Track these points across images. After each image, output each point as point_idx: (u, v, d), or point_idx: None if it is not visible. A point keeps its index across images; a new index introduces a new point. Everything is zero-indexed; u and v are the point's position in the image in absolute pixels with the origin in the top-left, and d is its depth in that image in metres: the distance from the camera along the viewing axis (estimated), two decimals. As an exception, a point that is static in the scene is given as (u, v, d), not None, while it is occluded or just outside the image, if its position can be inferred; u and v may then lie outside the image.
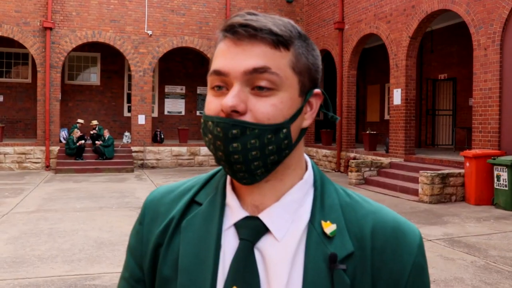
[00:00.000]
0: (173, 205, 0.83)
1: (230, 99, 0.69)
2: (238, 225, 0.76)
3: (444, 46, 15.30)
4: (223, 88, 0.72)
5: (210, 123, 0.72)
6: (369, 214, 0.77)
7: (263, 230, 0.74)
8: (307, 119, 0.77)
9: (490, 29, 9.17)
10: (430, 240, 6.09)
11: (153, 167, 15.38)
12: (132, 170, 14.36)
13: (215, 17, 16.12)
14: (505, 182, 8.20)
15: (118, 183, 11.68)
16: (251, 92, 0.70)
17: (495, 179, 8.43)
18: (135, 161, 15.19)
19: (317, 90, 0.77)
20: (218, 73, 0.72)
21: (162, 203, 0.85)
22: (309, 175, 0.79)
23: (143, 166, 15.33)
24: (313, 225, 0.74)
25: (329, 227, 0.74)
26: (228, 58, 0.71)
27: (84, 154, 14.45)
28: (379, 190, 10.44)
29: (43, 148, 14.51)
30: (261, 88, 0.70)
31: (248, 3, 16.45)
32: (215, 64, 0.73)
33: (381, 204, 0.81)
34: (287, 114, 0.72)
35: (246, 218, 0.76)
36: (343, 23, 14.46)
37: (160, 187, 0.90)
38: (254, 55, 0.70)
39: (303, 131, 0.77)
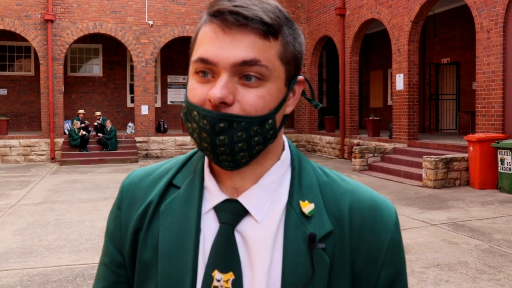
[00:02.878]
0: (151, 189, 0.82)
1: (218, 90, 0.67)
2: (217, 209, 0.75)
3: (446, 30, 15.18)
4: (208, 74, 0.70)
5: (195, 113, 0.70)
6: (346, 192, 0.78)
7: (243, 212, 0.74)
8: (290, 105, 0.77)
9: (493, 11, 9.09)
10: (434, 225, 6.11)
11: (157, 157, 15.45)
12: (136, 161, 14.43)
13: (216, 6, 16.01)
14: (509, 165, 8.19)
15: (123, 173, 11.74)
16: (238, 82, 0.69)
17: (499, 163, 8.42)
18: (139, 152, 15.25)
19: (300, 77, 0.77)
20: (205, 61, 0.69)
21: (140, 187, 0.83)
22: (286, 155, 0.79)
23: (147, 156, 15.40)
24: (292, 205, 0.75)
25: (307, 207, 0.74)
26: (217, 46, 0.68)
27: (88, 146, 14.52)
28: (383, 176, 10.45)
29: (48, 140, 14.58)
30: (249, 78, 0.69)
31: (249, -10, 16.33)
32: (202, 51, 0.70)
33: (382, 188, 0.82)
34: (273, 105, 0.71)
35: (226, 201, 0.75)
36: (344, 8, 14.36)
37: (136, 170, 0.88)
38: (244, 46, 0.68)
39: (285, 117, 0.77)
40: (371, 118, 13.60)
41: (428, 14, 12.72)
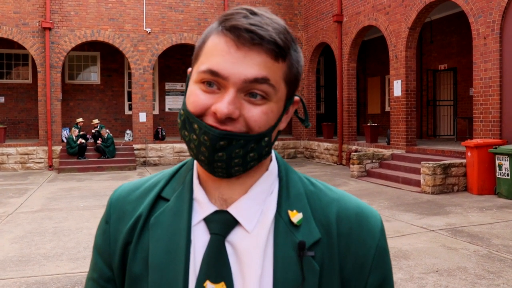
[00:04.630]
0: (140, 202, 0.82)
1: (226, 106, 0.68)
2: (208, 220, 0.76)
3: (443, 36, 15.26)
4: (214, 86, 0.71)
5: (196, 126, 0.71)
6: (333, 201, 0.80)
7: (233, 223, 0.75)
8: (283, 122, 0.79)
9: (489, 18, 9.15)
10: (432, 231, 6.11)
11: (155, 164, 15.43)
12: (134, 168, 14.41)
13: (214, 13, 16.10)
14: (507, 171, 8.21)
15: (121, 181, 11.72)
16: (244, 98, 0.70)
17: (497, 168, 8.43)
18: (137, 159, 15.23)
19: (296, 98, 0.80)
20: (215, 74, 0.70)
21: (128, 201, 0.84)
22: (273, 166, 0.81)
23: (145, 164, 15.37)
24: (280, 215, 0.76)
25: (295, 216, 0.76)
26: (228, 61, 0.69)
27: (86, 153, 14.50)
28: (381, 182, 10.46)
29: (46, 148, 14.56)
30: (254, 95, 0.70)
31: (246, -2, 16.41)
32: (213, 63, 0.70)
33: (381, 194, 0.84)
34: (272, 123, 0.73)
35: (215, 212, 0.76)
36: (342, 15, 14.43)
37: (124, 184, 0.89)
38: (256, 64, 0.69)
39: (278, 133, 0.79)
40: (369, 124, 13.62)
41: (425, 21, 12.79)
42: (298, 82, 0.78)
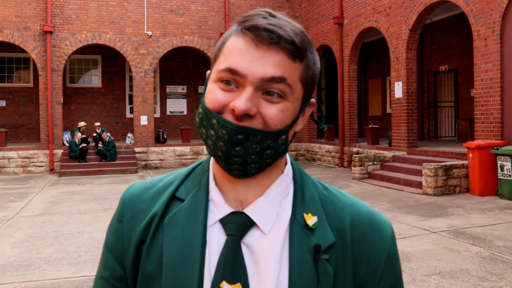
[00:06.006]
0: (153, 202, 0.82)
1: (243, 102, 0.70)
2: (224, 221, 0.77)
3: (444, 38, 15.25)
4: (232, 84, 0.72)
5: (215, 121, 0.73)
6: (347, 206, 0.81)
7: (250, 224, 0.76)
8: (300, 124, 0.80)
9: (490, 19, 9.14)
10: (434, 232, 6.09)
11: (156, 168, 15.42)
12: (135, 171, 14.40)
13: (214, 16, 16.12)
14: (509, 172, 8.18)
15: (122, 184, 11.71)
16: (261, 96, 0.72)
17: (499, 169, 8.41)
18: (138, 162, 15.22)
19: (313, 100, 0.82)
20: (234, 72, 0.72)
21: (142, 200, 0.84)
22: (288, 169, 0.82)
23: (146, 167, 15.37)
24: (295, 217, 0.77)
25: (311, 219, 0.77)
26: (248, 60, 0.71)
27: (87, 157, 14.50)
28: (383, 184, 10.43)
29: (47, 151, 14.56)
30: (271, 94, 0.72)
31: (247, 0, 16.43)
32: (231, 62, 0.72)
33: (382, 196, 0.85)
34: (288, 121, 0.75)
35: (232, 213, 0.77)
36: (342, 18, 14.43)
37: (136, 183, 0.89)
38: (273, 63, 0.71)
39: (294, 134, 0.80)
40: (370, 126, 13.60)
41: (426, 22, 12.78)
42: (314, 84, 0.79)
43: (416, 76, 11.96)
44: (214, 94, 0.73)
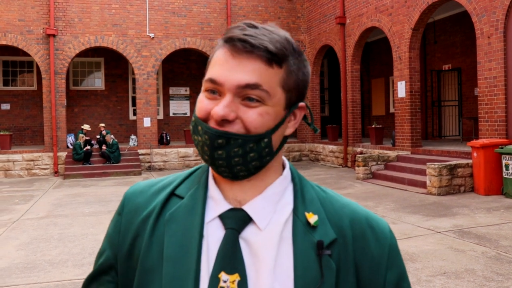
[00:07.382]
0: (153, 198, 0.88)
1: (221, 109, 0.75)
2: (223, 216, 0.82)
3: (447, 37, 15.20)
4: (216, 93, 0.78)
5: (200, 127, 0.79)
6: (345, 206, 0.87)
7: (248, 220, 0.81)
8: (290, 127, 0.85)
9: (493, 17, 9.10)
10: (439, 232, 6.06)
11: (160, 169, 15.43)
12: (139, 173, 14.42)
13: (216, 17, 16.13)
14: (514, 171, 8.14)
15: (126, 186, 11.72)
16: (241, 102, 0.77)
17: (504, 168, 8.37)
18: (142, 164, 15.24)
19: (301, 104, 0.85)
20: (214, 81, 0.77)
21: (142, 196, 0.89)
22: (287, 172, 0.87)
23: (150, 169, 15.39)
24: (297, 216, 0.82)
25: (312, 218, 0.82)
26: (225, 69, 0.77)
27: (91, 159, 14.53)
28: (387, 184, 10.40)
29: (51, 154, 14.61)
30: (251, 100, 0.76)
31: (249, 2, 16.44)
32: (212, 72, 0.78)
33: (387, 196, 0.87)
34: (270, 125, 0.79)
35: (230, 209, 0.82)
36: (345, 17, 14.41)
37: (139, 182, 0.95)
38: (249, 71, 0.76)
39: (285, 138, 0.85)
40: (373, 126, 13.57)
41: (428, 21, 12.76)
42: (302, 89, 0.83)
43: (419, 75, 11.92)
44: (201, 103, 0.79)
